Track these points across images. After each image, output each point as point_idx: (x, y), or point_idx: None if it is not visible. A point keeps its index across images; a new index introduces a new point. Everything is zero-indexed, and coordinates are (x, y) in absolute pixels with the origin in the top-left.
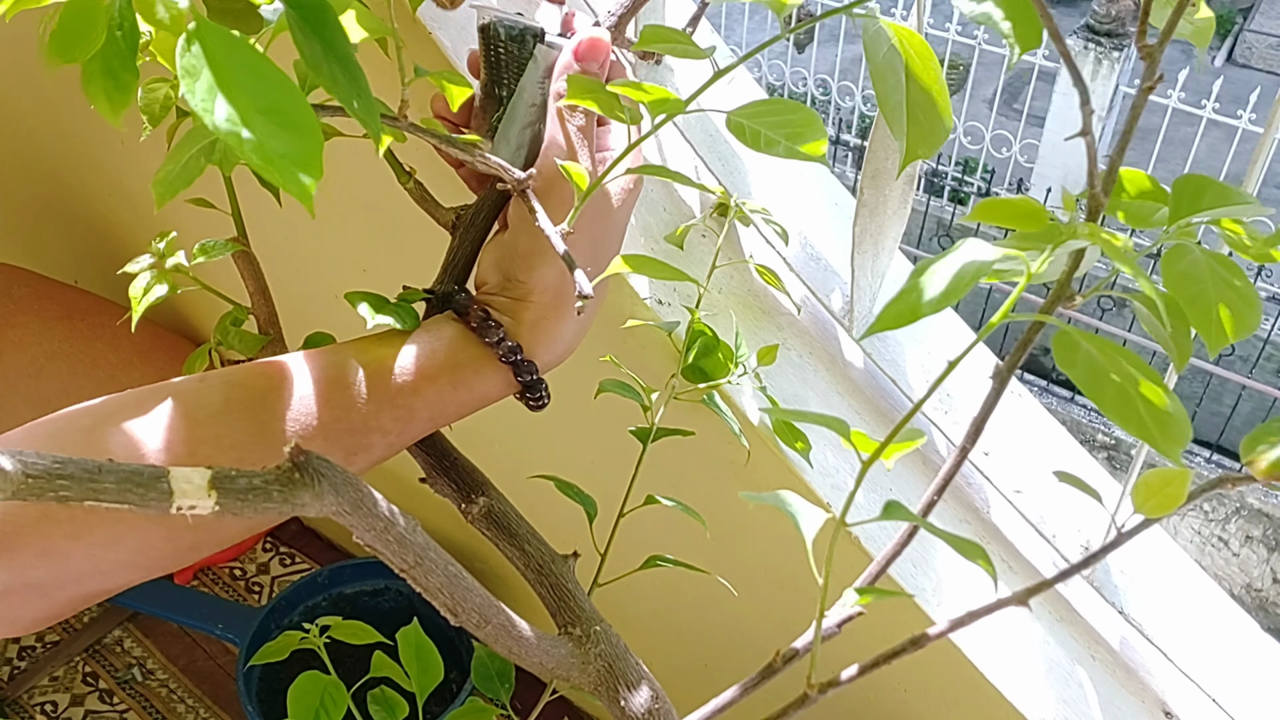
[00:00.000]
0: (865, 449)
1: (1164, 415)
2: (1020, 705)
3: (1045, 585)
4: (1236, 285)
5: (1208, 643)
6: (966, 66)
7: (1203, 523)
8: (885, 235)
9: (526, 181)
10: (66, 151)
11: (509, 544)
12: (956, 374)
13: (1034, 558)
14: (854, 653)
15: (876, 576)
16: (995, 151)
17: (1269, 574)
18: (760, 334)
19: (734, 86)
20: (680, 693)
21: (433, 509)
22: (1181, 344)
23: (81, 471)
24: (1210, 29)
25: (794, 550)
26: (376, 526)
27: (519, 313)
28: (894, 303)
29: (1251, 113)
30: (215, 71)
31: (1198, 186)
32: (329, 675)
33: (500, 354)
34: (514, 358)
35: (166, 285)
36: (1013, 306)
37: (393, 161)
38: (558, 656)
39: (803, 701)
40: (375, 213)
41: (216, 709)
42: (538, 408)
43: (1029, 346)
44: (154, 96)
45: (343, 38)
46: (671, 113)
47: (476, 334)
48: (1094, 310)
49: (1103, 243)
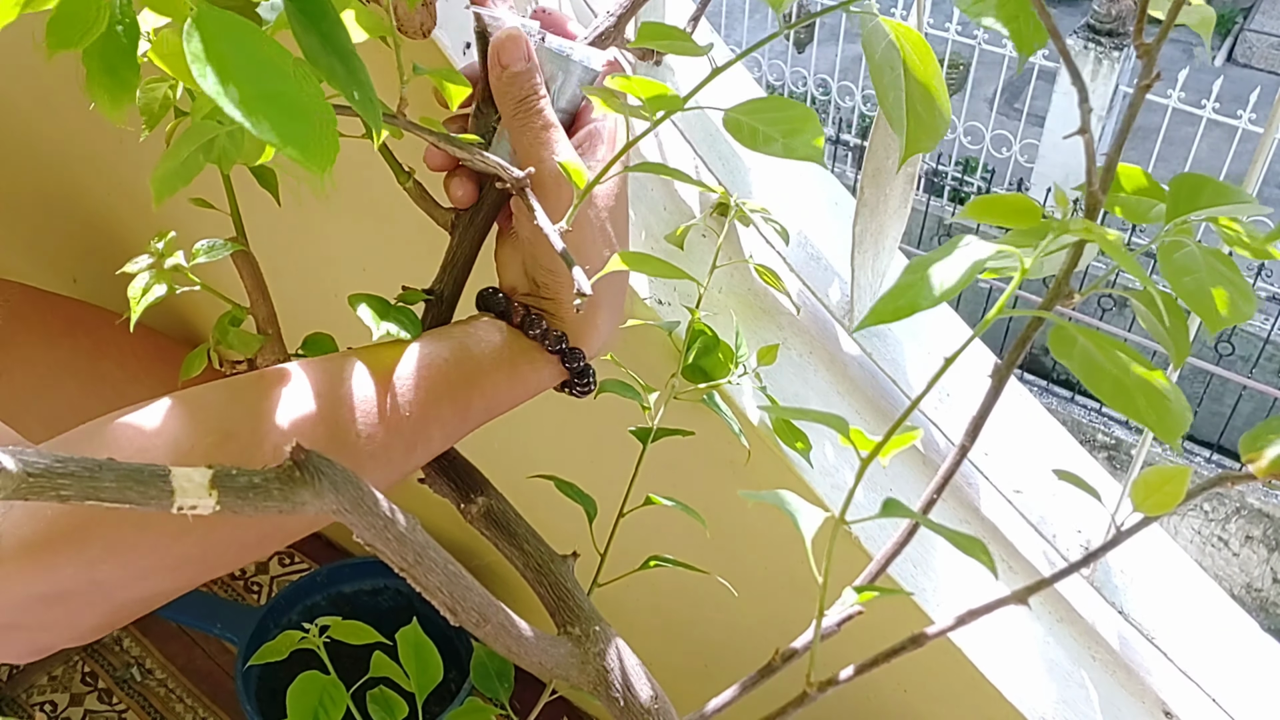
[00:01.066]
0: (864, 447)
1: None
2: (1020, 705)
3: (1045, 584)
4: (1232, 278)
5: (1208, 643)
6: (967, 66)
7: (1203, 523)
8: (885, 235)
9: (525, 180)
10: (66, 150)
11: (508, 543)
12: (956, 373)
13: (1034, 558)
14: (853, 652)
15: (876, 575)
16: (995, 151)
17: (1269, 574)
18: (760, 333)
19: (733, 85)
20: (680, 692)
21: (432, 508)
22: (1180, 341)
23: (82, 470)
24: (1212, 19)
25: (794, 549)
26: (376, 525)
27: (556, 310)
28: (889, 296)
29: (1252, 112)
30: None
31: (1195, 184)
32: (328, 675)
33: (548, 344)
34: (561, 346)
35: (165, 285)
36: (1008, 301)
37: (392, 161)
38: (557, 656)
39: (802, 700)
40: (374, 212)
41: (215, 708)
42: (585, 393)
43: (1028, 344)
44: (153, 96)
45: (341, 30)
46: (670, 110)
47: (521, 329)
48: (1094, 310)
49: (1097, 236)
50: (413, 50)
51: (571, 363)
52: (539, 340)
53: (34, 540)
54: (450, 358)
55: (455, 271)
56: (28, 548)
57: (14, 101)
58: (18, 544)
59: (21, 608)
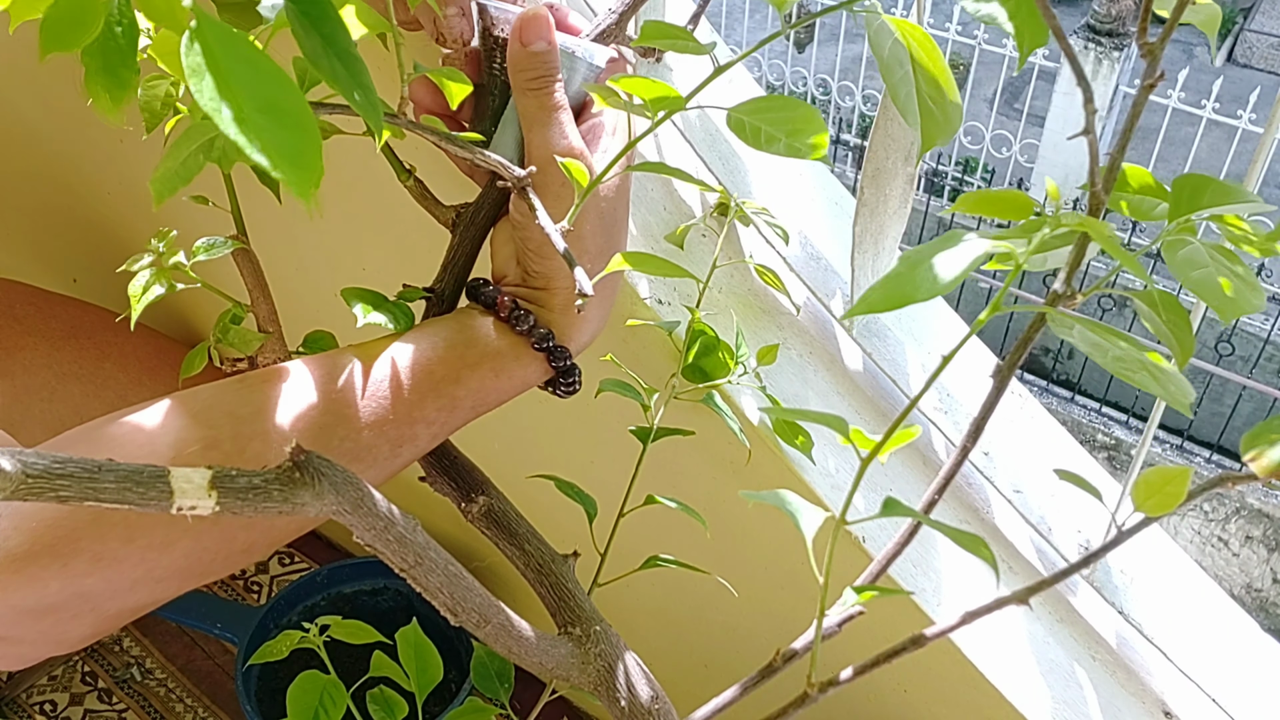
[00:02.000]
0: (865, 447)
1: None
2: (1020, 705)
3: (1045, 584)
4: (1237, 271)
5: (1208, 643)
6: (967, 66)
7: (1203, 523)
8: (886, 235)
9: (526, 179)
10: (66, 149)
11: (509, 543)
12: (957, 374)
13: (1034, 558)
14: (854, 652)
15: (877, 575)
16: (996, 151)
17: (1269, 574)
18: (760, 333)
19: (734, 85)
20: (680, 692)
21: (432, 508)
22: (1183, 340)
23: (81, 470)
24: (1218, 18)
25: (794, 550)
26: (376, 525)
27: (545, 301)
28: (881, 285)
29: (1252, 113)
30: (214, 70)
31: (1197, 184)
32: (328, 675)
33: (533, 341)
34: (547, 344)
35: (165, 284)
36: (1007, 299)
37: (393, 159)
38: (557, 656)
39: (803, 700)
40: (375, 211)
41: (215, 708)
42: (569, 393)
43: (1029, 345)
44: (153, 94)
45: (343, 31)
46: (672, 109)
47: (508, 323)
48: (1094, 310)
49: (1092, 229)
50: (413, 48)
51: (557, 361)
52: (525, 336)
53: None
54: (435, 356)
55: (456, 270)
56: (12, 560)
57: (14, 101)
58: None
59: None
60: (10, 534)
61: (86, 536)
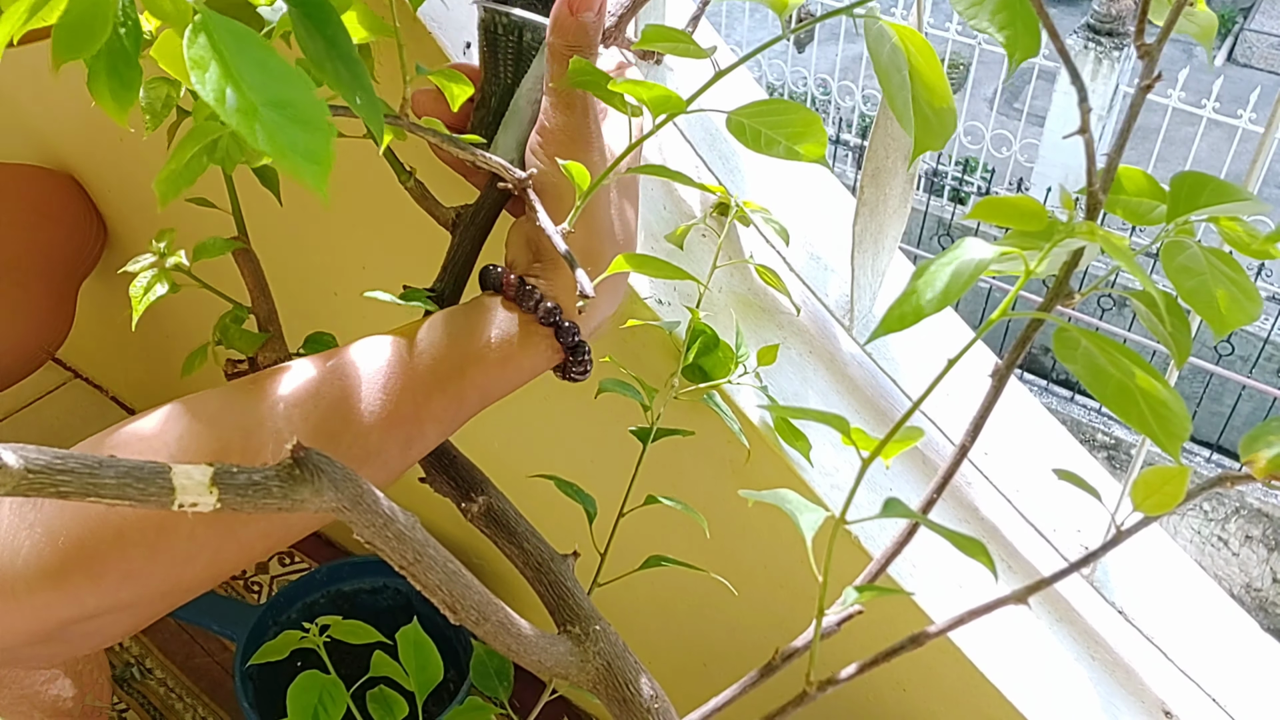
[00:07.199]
0: (865, 447)
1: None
2: (1019, 704)
3: (1044, 583)
4: (1235, 278)
5: (1208, 643)
6: (967, 66)
7: (1202, 523)
8: (885, 234)
9: (527, 180)
10: (66, 148)
11: (508, 542)
12: (956, 373)
13: (1033, 557)
14: (853, 651)
15: (876, 575)
16: (995, 151)
17: (1269, 574)
18: (760, 333)
19: (734, 86)
20: (680, 692)
21: (432, 507)
22: (1181, 341)
23: (82, 467)
24: (1213, 26)
25: (794, 549)
26: (376, 523)
27: (553, 277)
28: (896, 306)
29: (1252, 112)
30: (222, 64)
31: (1196, 184)
32: (328, 674)
33: (540, 316)
34: (554, 318)
35: (167, 284)
36: (1011, 304)
37: (393, 160)
38: (557, 655)
39: (802, 699)
40: (375, 212)
41: (214, 706)
42: (581, 376)
43: (1028, 345)
44: (156, 95)
45: (345, 35)
46: (673, 112)
47: (514, 301)
48: (1094, 309)
49: (1102, 239)
50: (413, 50)
51: (565, 338)
52: (532, 313)
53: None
54: (440, 351)
55: (456, 271)
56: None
57: (14, 100)
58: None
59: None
60: (44, 548)
61: (111, 554)
